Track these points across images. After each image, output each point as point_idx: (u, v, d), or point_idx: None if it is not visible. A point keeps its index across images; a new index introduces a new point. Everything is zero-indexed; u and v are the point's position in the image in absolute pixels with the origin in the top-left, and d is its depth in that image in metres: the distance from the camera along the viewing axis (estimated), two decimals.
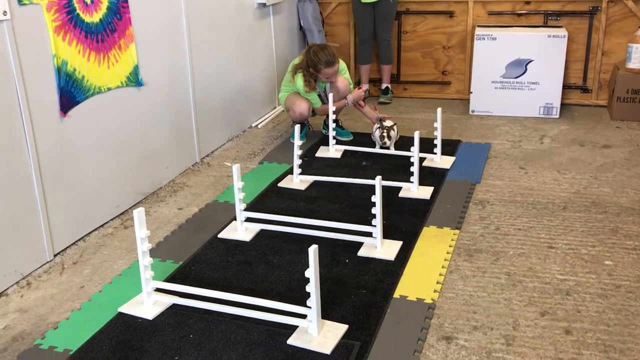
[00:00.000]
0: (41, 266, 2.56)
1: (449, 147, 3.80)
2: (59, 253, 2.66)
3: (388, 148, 3.74)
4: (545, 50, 4.39)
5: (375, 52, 4.95)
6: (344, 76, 3.89)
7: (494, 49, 4.48)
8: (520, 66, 4.46)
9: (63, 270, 2.55)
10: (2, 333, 2.14)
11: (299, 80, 3.76)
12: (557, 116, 4.47)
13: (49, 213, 2.58)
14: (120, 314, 2.20)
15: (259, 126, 4.42)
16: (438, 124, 3.49)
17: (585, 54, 4.63)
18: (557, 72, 4.42)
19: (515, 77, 4.49)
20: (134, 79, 3.05)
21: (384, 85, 5.01)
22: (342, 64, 3.90)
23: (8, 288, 2.41)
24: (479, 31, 4.52)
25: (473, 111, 4.62)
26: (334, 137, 3.82)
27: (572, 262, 2.49)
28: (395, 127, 3.76)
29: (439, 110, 3.54)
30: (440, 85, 5.06)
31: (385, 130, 3.70)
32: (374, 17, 4.77)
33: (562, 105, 4.56)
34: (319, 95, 3.92)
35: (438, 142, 3.54)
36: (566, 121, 4.37)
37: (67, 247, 2.71)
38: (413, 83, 5.12)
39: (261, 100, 4.58)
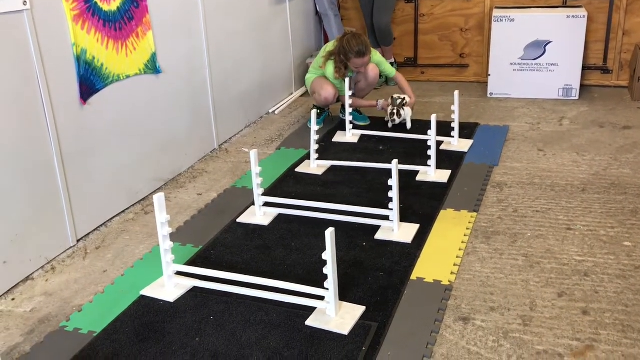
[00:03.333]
0: (65, 251, 2.62)
1: (467, 130, 3.79)
2: (81, 238, 2.72)
3: (400, 124, 3.85)
4: (565, 31, 4.33)
5: None
6: (374, 64, 3.87)
7: (512, 30, 4.43)
8: (539, 47, 4.41)
9: (86, 255, 2.61)
10: (29, 315, 2.20)
11: (330, 67, 3.78)
12: (577, 98, 4.41)
13: (72, 199, 2.63)
14: (143, 296, 2.25)
15: (276, 112, 4.44)
16: (455, 107, 3.48)
17: (605, 34, 4.56)
18: (577, 53, 4.36)
19: (534, 59, 4.44)
20: (152, 67, 3.08)
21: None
22: (377, 56, 3.88)
23: (34, 272, 2.47)
24: (496, 13, 4.48)
25: (491, 94, 4.58)
26: (351, 122, 3.83)
27: (591, 244, 2.48)
28: (404, 108, 3.81)
29: (457, 93, 3.52)
30: (458, 68, 5.03)
31: (395, 108, 3.78)
32: (373, 2, 4.76)
33: (582, 86, 4.50)
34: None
35: (456, 125, 3.53)
36: (586, 103, 4.32)
37: (90, 232, 2.77)
38: (430, 66, 5.09)
39: (278, 86, 4.59)
